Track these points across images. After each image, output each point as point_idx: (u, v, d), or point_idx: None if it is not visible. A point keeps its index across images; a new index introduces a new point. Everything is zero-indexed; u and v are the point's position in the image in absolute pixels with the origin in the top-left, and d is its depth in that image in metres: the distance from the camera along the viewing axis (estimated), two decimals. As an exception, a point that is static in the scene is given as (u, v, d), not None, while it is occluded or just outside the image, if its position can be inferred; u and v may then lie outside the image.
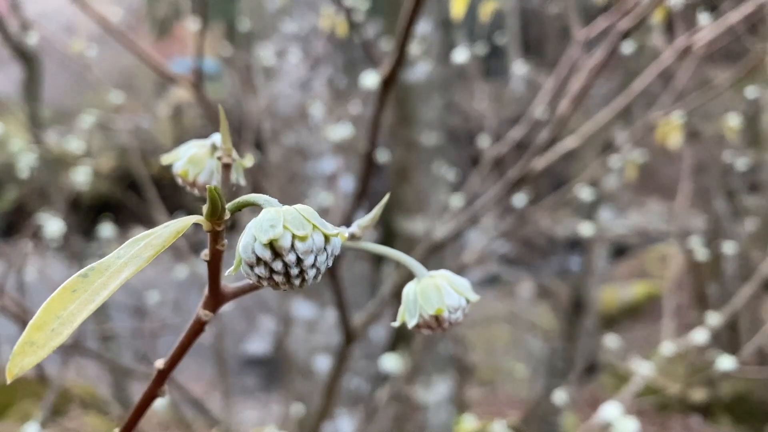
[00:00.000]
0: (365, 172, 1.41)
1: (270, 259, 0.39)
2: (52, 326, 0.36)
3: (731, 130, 2.35)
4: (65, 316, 0.36)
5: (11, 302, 1.45)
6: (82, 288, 0.37)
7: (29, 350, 0.35)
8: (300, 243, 0.39)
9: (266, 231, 0.39)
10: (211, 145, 0.57)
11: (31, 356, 0.35)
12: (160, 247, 0.39)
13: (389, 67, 1.15)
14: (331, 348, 2.78)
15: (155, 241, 0.39)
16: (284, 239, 0.39)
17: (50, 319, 0.36)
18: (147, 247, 0.39)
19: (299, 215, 0.40)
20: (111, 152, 6.89)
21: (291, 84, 2.87)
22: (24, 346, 0.35)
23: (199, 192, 0.57)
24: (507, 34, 4.27)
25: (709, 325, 2.18)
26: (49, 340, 0.35)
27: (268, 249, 0.39)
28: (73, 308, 0.36)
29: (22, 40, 2.89)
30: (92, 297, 0.37)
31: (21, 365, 0.35)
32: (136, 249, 0.38)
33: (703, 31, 1.64)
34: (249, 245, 0.40)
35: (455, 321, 0.50)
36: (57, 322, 0.36)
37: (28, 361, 0.35)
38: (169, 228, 0.40)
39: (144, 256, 0.38)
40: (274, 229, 0.39)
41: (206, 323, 0.47)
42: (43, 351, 0.35)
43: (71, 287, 0.37)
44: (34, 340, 0.35)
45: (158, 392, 0.48)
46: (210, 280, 0.45)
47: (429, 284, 0.51)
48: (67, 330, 0.35)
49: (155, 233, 0.39)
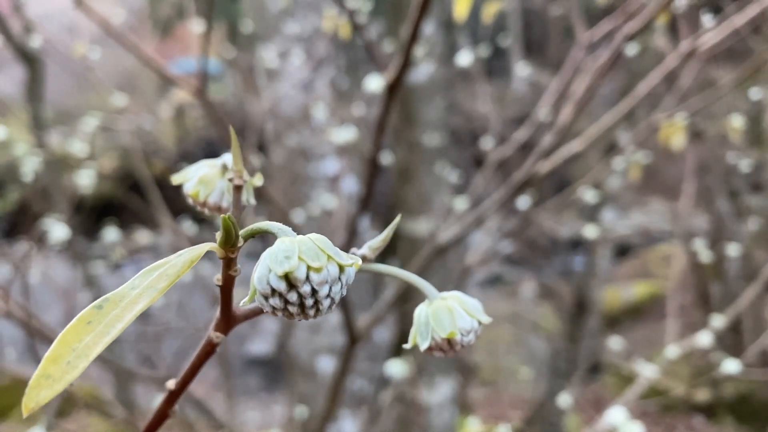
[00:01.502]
0: (370, 177, 1.40)
1: (285, 291, 0.39)
2: (67, 359, 0.35)
3: (734, 130, 2.35)
4: (81, 349, 0.36)
5: (16, 307, 1.45)
6: (97, 320, 0.37)
7: (45, 384, 0.35)
8: (315, 275, 0.39)
9: (281, 263, 0.39)
10: (221, 165, 0.57)
11: (47, 390, 0.34)
12: (175, 276, 0.39)
13: (395, 72, 1.15)
14: (333, 349, 2.78)
15: (170, 270, 0.39)
16: (299, 271, 0.39)
17: (66, 352, 0.35)
18: (161, 277, 0.38)
19: (314, 246, 0.40)
20: (113, 153, 6.89)
21: (293, 85, 2.87)
22: (40, 380, 0.35)
23: (209, 212, 0.57)
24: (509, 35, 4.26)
25: (713, 328, 2.18)
26: (65, 374, 0.35)
27: (283, 281, 0.39)
28: (88, 341, 0.36)
29: (25, 42, 2.89)
30: (107, 329, 0.36)
31: (37, 399, 0.34)
32: (150, 279, 0.38)
33: (707, 33, 1.64)
34: (264, 277, 0.40)
35: (467, 344, 0.50)
36: (72, 354, 0.35)
37: (44, 394, 0.34)
38: (183, 257, 0.39)
39: (158, 287, 0.38)
40: (289, 261, 0.39)
41: (218, 345, 0.47)
42: (59, 385, 0.35)
43: (86, 319, 0.37)
44: (50, 374, 0.35)
45: (169, 413, 0.47)
46: (222, 304, 0.45)
47: (441, 306, 0.50)
48: (82, 363, 0.35)
49: (169, 262, 0.39)
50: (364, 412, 2.75)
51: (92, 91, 5.62)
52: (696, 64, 2.01)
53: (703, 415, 4.50)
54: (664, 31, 2.48)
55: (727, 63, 3.54)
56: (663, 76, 1.73)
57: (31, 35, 2.88)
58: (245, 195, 0.50)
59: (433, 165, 3.08)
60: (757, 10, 1.50)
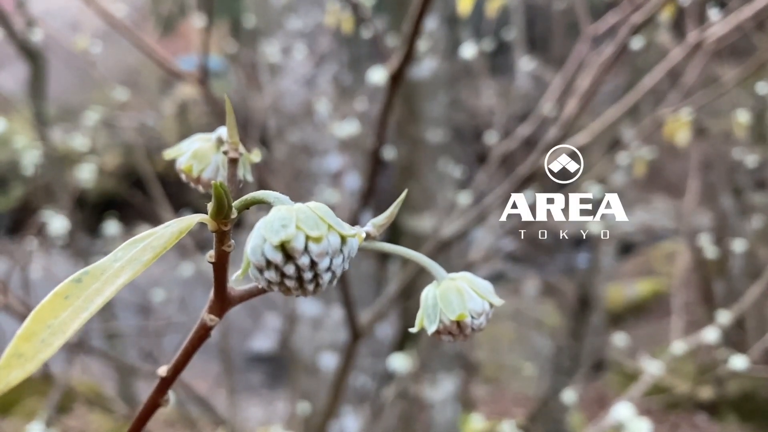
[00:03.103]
0: (372, 171, 1.39)
1: (281, 263, 0.36)
2: (41, 336, 0.32)
3: (739, 126, 2.34)
4: (56, 325, 0.33)
5: (16, 300, 1.45)
6: (75, 294, 0.34)
7: (16, 363, 0.32)
8: (314, 245, 0.36)
9: (277, 231, 0.36)
10: (216, 139, 0.54)
11: (18, 370, 0.32)
12: (161, 249, 0.36)
13: (397, 63, 1.14)
14: (336, 345, 2.77)
15: (156, 242, 0.36)
16: (297, 240, 0.36)
17: (40, 329, 0.33)
18: (146, 249, 0.35)
19: (313, 214, 0.37)
20: (116, 149, 6.89)
21: (296, 81, 2.86)
22: (11, 359, 0.32)
23: (203, 189, 0.54)
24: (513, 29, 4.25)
25: (719, 324, 2.17)
26: (38, 352, 0.32)
27: (279, 251, 0.36)
28: (65, 316, 0.33)
29: (28, 38, 2.89)
30: (86, 304, 0.33)
31: (7, 380, 0.32)
32: (135, 251, 0.35)
33: (713, 27, 1.63)
34: (258, 247, 0.36)
35: (478, 327, 0.47)
36: (47, 331, 0.32)
37: (14, 375, 0.32)
38: (171, 228, 0.37)
39: (143, 260, 0.35)
40: (286, 230, 0.36)
41: (212, 328, 0.43)
42: (32, 364, 0.32)
43: (63, 293, 0.34)
44: (21, 352, 0.32)
45: (161, 401, 0.45)
46: (216, 283, 0.42)
47: (450, 287, 0.47)
48: (58, 340, 0.32)
49: (156, 234, 0.36)
50: (367, 408, 2.75)
51: (95, 87, 5.63)
52: (701, 59, 1.99)
53: (706, 412, 4.48)
54: (669, 28, 2.47)
55: (732, 59, 3.52)
56: (667, 71, 1.72)
57: (34, 31, 2.87)
58: (241, 170, 0.47)
59: (436, 161, 3.07)
60: (764, 2, 1.49)
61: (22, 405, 3.83)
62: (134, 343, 3.44)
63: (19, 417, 3.77)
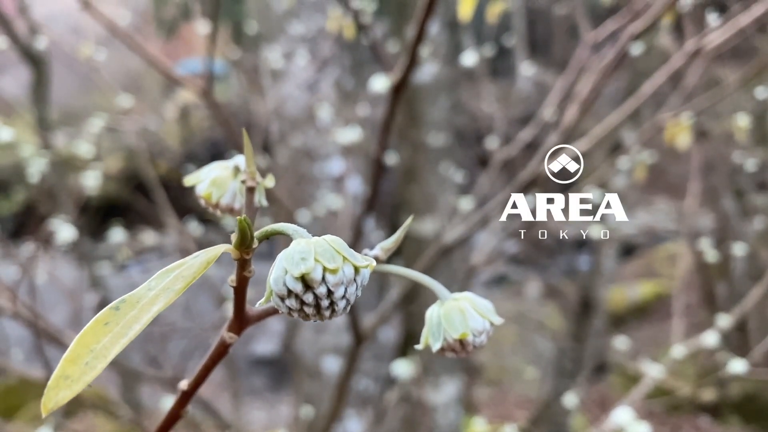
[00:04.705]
0: (375, 177, 1.40)
1: (301, 292, 0.40)
2: (85, 360, 0.35)
3: (740, 129, 2.34)
4: (98, 350, 0.36)
5: (23, 307, 1.46)
6: (114, 321, 0.37)
7: (64, 384, 0.35)
8: (331, 276, 0.40)
9: (297, 264, 0.39)
10: (234, 167, 0.57)
11: (65, 390, 0.35)
12: (191, 278, 0.39)
13: (400, 73, 1.15)
14: (339, 349, 2.78)
15: (186, 272, 0.39)
16: (316, 272, 0.39)
17: (84, 353, 0.36)
18: (178, 278, 0.39)
19: (330, 247, 0.40)
20: (118, 154, 6.90)
21: (298, 86, 2.87)
22: (59, 380, 0.35)
23: (221, 213, 0.57)
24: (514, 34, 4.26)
25: (720, 327, 2.17)
26: (83, 375, 0.35)
27: (299, 282, 0.40)
28: (106, 341, 0.36)
29: (31, 43, 2.90)
30: (125, 330, 0.37)
31: (56, 400, 0.35)
32: (167, 281, 0.39)
33: (713, 33, 1.63)
34: (280, 278, 0.40)
35: (479, 344, 0.50)
36: (90, 355, 0.36)
37: (63, 395, 0.35)
38: (199, 258, 0.40)
39: (175, 288, 0.39)
40: (306, 263, 0.39)
41: (231, 345, 0.47)
42: (78, 385, 0.35)
43: (103, 320, 0.37)
44: (68, 374, 0.35)
45: (181, 413, 0.47)
46: (236, 305, 0.46)
47: (453, 307, 0.51)
48: (100, 364, 0.35)
49: (186, 264, 0.40)
50: (370, 412, 2.75)
51: (97, 92, 5.64)
52: (701, 63, 2.00)
53: (709, 415, 4.49)
54: (670, 31, 2.48)
55: (733, 62, 3.53)
56: (668, 75, 1.72)
57: (37, 36, 2.89)
58: (257, 196, 0.51)
59: (438, 165, 3.08)
60: (763, 9, 1.50)
61: (27, 409, 3.84)
62: (139, 347, 3.45)
63: (23, 421, 3.79)
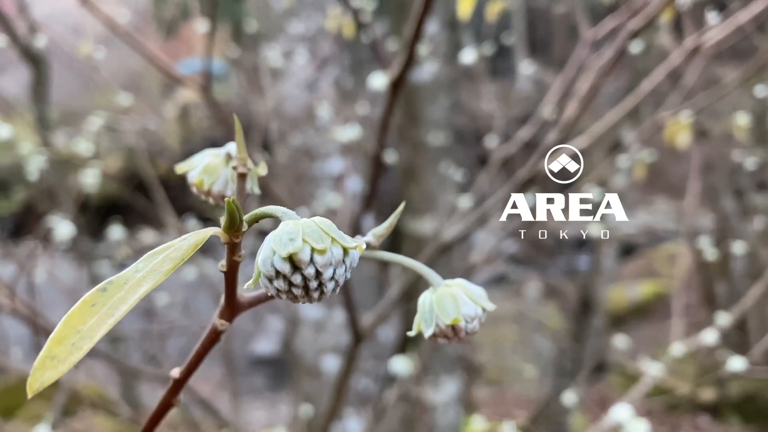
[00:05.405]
0: (374, 175, 1.40)
1: (289, 273, 0.40)
2: (72, 340, 0.35)
3: (740, 128, 2.34)
4: (85, 331, 0.36)
5: (22, 305, 1.46)
6: (101, 302, 0.37)
7: (50, 364, 0.35)
8: (319, 256, 0.39)
9: (285, 245, 0.39)
10: (225, 154, 0.57)
11: (51, 371, 0.35)
12: (179, 260, 0.39)
13: (398, 69, 1.15)
14: (338, 348, 2.78)
15: (174, 254, 0.39)
16: (303, 253, 0.39)
17: (70, 334, 0.36)
18: (165, 260, 0.39)
19: (318, 228, 0.40)
20: (118, 153, 6.90)
21: (298, 85, 2.87)
22: (45, 361, 0.35)
23: (213, 201, 0.57)
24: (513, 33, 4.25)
25: (719, 326, 2.17)
26: (69, 355, 0.35)
27: (287, 263, 0.39)
28: (92, 322, 0.36)
29: (30, 42, 2.90)
30: (111, 311, 0.36)
31: (42, 380, 0.35)
32: (155, 263, 0.38)
33: (712, 31, 1.64)
34: (268, 259, 0.40)
35: (472, 330, 0.50)
36: (77, 336, 0.36)
37: (48, 375, 0.35)
38: (187, 241, 0.40)
39: (162, 270, 0.38)
40: (294, 243, 0.39)
41: (222, 333, 0.47)
42: (64, 366, 0.35)
43: (90, 301, 0.37)
44: (54, 354, 0.35)
45: (173, 401, 0.47)
46: (226, 290, 0.45)
47: (445, 293, 0.50)
48: (87, 344, 0.35)
49: (173, 246, 0.39)
50: (369, 411, 2.75)
51: (97, 91, 5.64)
52: (701, 61, 2.00)
53: (708, 414, 4.48)
54: (669, 29, 2.48)
55: (732, 61, 3.53)
56: (667, 74, 1.73)
57: (37, 36, 2.89)
58: (249, 183, 0.51)
59: (437, 164, 3.08)
60: (762, 6, 1.50)
61: (26, 408, 3.84)
62: (138, 346, 3.45)
63: (22, 420, 3.79)
